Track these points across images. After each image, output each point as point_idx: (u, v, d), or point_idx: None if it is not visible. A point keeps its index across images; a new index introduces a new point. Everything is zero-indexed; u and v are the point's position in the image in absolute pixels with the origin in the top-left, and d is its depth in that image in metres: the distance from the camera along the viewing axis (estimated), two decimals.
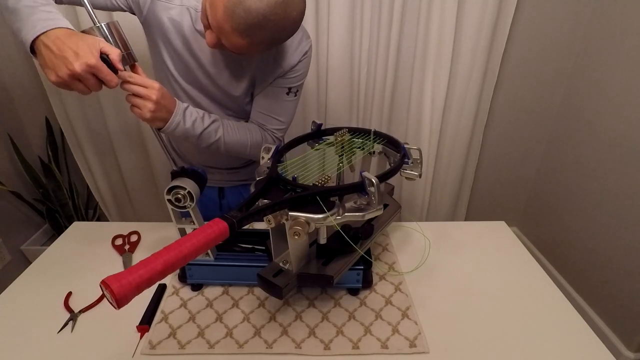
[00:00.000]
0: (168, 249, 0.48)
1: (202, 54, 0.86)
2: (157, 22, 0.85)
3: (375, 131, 0.88)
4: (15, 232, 1.73)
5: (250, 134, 0.93)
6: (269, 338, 0.71)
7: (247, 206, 0.61)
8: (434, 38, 1.47)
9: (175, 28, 0.84)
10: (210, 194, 1.14)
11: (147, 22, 0.87)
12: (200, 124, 0.83)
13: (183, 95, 0.92)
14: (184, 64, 0.88)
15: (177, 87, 0.91)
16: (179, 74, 0.90)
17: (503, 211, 2.01)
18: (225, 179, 1.12)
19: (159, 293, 0.80)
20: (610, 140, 1.43)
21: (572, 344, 0.71)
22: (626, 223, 1.37)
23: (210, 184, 1.09)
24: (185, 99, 0.92)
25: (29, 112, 1.70)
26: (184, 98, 0.92)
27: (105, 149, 1.68)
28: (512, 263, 0.91)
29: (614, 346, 1.41)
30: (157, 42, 0.88)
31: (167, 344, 0.70)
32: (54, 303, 0.79)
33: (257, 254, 0.83)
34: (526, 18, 1.52)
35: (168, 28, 0.84)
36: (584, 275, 1.58)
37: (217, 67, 0.88)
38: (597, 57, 1.49)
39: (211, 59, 0.87)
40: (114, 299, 0.43)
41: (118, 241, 0.97)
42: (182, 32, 0.84)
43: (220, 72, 0.88)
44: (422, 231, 1.01)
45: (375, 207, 0.65)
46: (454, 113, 1.65)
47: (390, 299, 0.80)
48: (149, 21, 0.86)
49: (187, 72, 0.89)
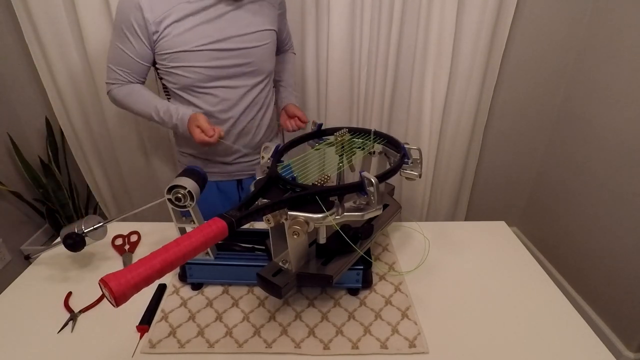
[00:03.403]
0: (167, 247, 0.48)
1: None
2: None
3: (375, 131, 0.88)
4: (15, 232, 1.73)
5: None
6: (268, 337, 0.71)
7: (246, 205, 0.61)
8: (434, 38, 1.47)
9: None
10: (229, 187, 1.16)
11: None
12: None
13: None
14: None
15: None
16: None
17: (503, 211, 2.01)
18: (241, 169, 1.15)
19: (159, 292, 0.81)
20: (610, 140, 1.43)
21: (572, 344, 0.71)
22: (626, 223, 1.37)
23: (227, 178, 1.15)
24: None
25: (29, 112, 1.70)
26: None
27: (105, 149, 1.68)
28: (512, 263, 0.91)
29: (614, 346, 1.41)
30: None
31: (167, 343, 0.70)
32: (54, 303, 0.79)
33: (257, 253, 0.83)
34: (526, 18, 1.52)
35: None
36: (584, 275, 1.58)
37: None
38: (597, 57, 1.49)
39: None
40: (112, 297, 0.43)
41: (118, 241, 0.97)
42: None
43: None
44: (422, 231, 1.01)
45: (375, 207, 0.65)
46: (454, 113, 1.64)
47: (390, 299, 0.80)
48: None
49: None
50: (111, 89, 1.01)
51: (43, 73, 1.49)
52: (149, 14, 0.89)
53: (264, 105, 1.10)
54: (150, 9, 0.89)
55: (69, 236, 0.80)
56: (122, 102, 1.02)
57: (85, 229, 0.82)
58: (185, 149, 1.14)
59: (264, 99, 1.09)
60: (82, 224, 0.82)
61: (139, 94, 1.00)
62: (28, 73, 1.60)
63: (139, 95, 1.00)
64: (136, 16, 0.89)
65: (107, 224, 0.85)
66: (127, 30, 0.92)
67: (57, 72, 1.47)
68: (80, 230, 0.81)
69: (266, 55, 1.06)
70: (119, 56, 0.96)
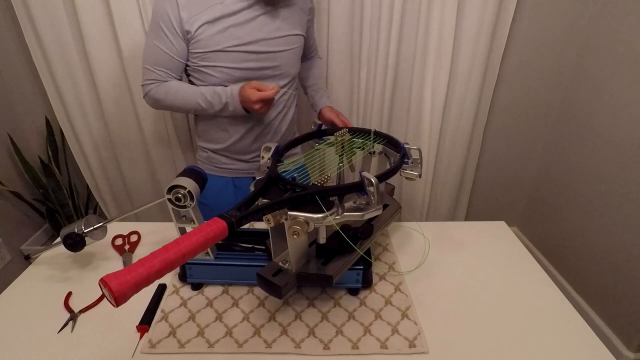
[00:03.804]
0: (166, 247, 0.48)
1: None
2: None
3: (375, 131, 0.88)
4: (15, 232, 1.73)
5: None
6: (268, 337, 0.71)
7: (246, 205, 0.61)
8: (434, 38, 1.47)
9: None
10: (245, 183, 1.17)
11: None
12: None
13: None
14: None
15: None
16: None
17: (503, 211, 2.01)
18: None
19: (159, 292, 0.81)
20: (610, 140, 1.43)
21: (572, 344, 0.71)
22: (626, 223, 1.37)
23: (244, 175, 1.17)
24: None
25: (29, 112, 1.70)
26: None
27: (105, 149, 1.68)
28: (512, 263, 0.91)
29: (614, 346, 1.41)
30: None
31: (167, 342, 0.70)
32: (54, 303, 0.79)
33: (257, 253, 0.83)
34: (526, 18, 1.52)
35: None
36: (584, 275, 1.58)
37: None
38: (597, 57, 1.49)
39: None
40: (112, 297, 0.43)
41: (118, 241, 0.98)
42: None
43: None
44: (422, 231, 1.01)
45: (375, 207, 0.65)
46: (454, 113, 1.64)
47: (390, 299, 0.80)
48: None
49: None
50: (149, 90, 1.01)
51: (43, 73, 1.49)
52: (184, 13, 0.91)
53: (285, 107, 1.12)
54: (186, 9, 0.91)
55: (69, 236, 0.80)
56: (163, 101, 1.02)
57: (85, 229, 0.82)
58: (206, 144, 1.15)
59: (285, 101, 1.11)
60: (82, 224, 0.82)
61: (178, 88, 1.01)
62: (28, 73, 1.60)
63: (178, 89, 1.00)
64: (174, 13, 0.91)
65: (107, 224, 0.85)
66: (165, 28, 0.93)
67: (57, 72, 1.47)
68: (80, 230, 0.81)
69: (293, 60, 1.08)
70: (157, 55, 0.97)
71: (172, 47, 0.95)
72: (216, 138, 1.11)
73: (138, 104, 1.54)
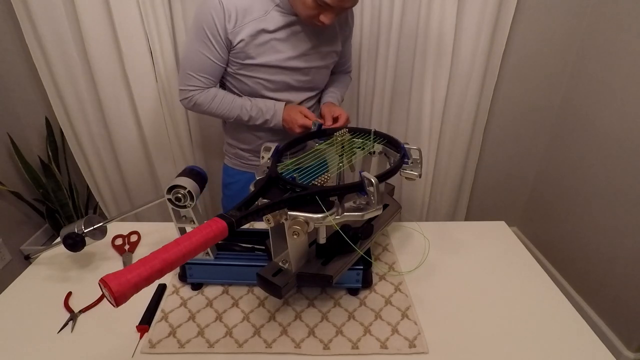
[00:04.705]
0: (166, 247, 0.48)
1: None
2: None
3: (375, 131, 0.88)
4: (15, 232, 1.73)
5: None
6: (268, 337, 0.71)
7: (246, 205, 0.61)
8: (434, 38, 1.47)
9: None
10: None
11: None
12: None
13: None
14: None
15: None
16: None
17: (503, 211, 2.01)
18: None
19: (159, 292, 0.81)
20: (610, 139, 1.43)
21: (572, 344, 0.71)
22: (626, 223, 1.37)
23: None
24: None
25: (29, 112, 1.70)
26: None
27: (105, 149, 1.68)
28: (512, 263, 0.91)
29: (614, 346, 1.41)
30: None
31: (167, 342, 0.70)
32: (54, 303, 0.79)
33: (256, 253, 0.83)
34: (526, 18, 1.52)
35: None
36: (584, 275, 1.58)
37: None
38: (597, 57, 1.49)
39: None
40: (112, 297, 0.43)
41: (118, 241, 0.97)
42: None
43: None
44: (422, 231, 1.01)
45: (375, 207, 0.65)
46: (454, 113, 1.64)
47: (390, 299, 0.80)
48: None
49: None
50: (191, 96, 1.01)
51: (43, 73, 1.49)
52: (230, 24, 0.91)
53: None
54: (232, 19, 0.91)
55: (69, 236, 0.80)
56: (206, 108, 1.02)
57: (85, 229, 0.82)
58: (234, 142, 1.16)
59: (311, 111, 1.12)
60: (82, 224, 0.82)
61: (222, 97, 1.02)
62: (28, 73, 1.60)
63: (222, 99, 1.02)
64: (220, 22, 0.91)
65: (107, 224, 0.85)
66: (211, 35, 0.92)
67: (57, 72, 1.47)
68: (80, 230, 0.81)
69: (325, 74, 1.11)
70: (202, 63, 0.97)
71: (218, 55, 0.95)
72: (245, 139, 1.13)
73: (138, 104, 1.54)
